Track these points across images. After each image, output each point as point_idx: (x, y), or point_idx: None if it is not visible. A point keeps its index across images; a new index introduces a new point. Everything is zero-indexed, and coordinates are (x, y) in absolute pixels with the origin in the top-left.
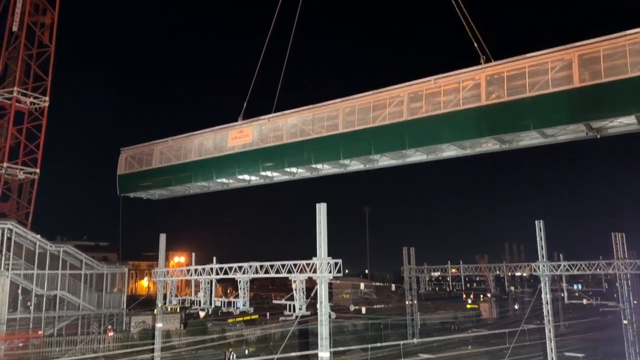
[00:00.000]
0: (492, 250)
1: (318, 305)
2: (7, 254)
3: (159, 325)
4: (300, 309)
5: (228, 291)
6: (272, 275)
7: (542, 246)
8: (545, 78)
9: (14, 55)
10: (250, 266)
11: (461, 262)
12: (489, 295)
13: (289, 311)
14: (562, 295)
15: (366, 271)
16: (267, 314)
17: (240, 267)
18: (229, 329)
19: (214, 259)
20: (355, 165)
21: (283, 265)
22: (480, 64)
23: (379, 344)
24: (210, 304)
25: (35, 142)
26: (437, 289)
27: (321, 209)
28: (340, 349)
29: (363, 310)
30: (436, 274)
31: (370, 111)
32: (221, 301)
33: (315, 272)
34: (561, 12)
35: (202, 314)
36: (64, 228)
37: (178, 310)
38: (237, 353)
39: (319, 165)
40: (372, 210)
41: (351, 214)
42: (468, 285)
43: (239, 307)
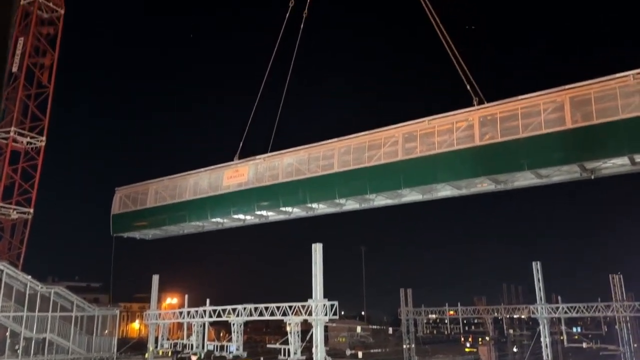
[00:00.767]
0: (490, 291)
1: (313, 350)
2: None
3: None
4: (295, 353)
5: (221, 334)
6: (267, 317)
7: (539, 288)
8: (538, 119)
9: (12, 96)
10: (245, 308)
11: (459, 304)
12: (487, 338)
13: (284, 356)
14: (562, 338)
15: (362, 313)
16: (261, 358)
17: (234, 310)
18: None
19: (207, 301)
20: (350, 205)
21: (278, 308)
22: (474, 105)
23: None
24: (203, 348)
25: (30, 181)
26: (434, 332)
27: (317, 250)
28: None
29: (360, 354)
30: (434, 316)
31: (366, 151)
32: (214, 345)
33: (310, 314)
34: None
35: (194, 359)
36: (56, 267)
37: (170, 354)
38: None
39: (315, 205)
40: (369, 249)
41: (347, 252)
42: (466, 327)
43: (232, 352)
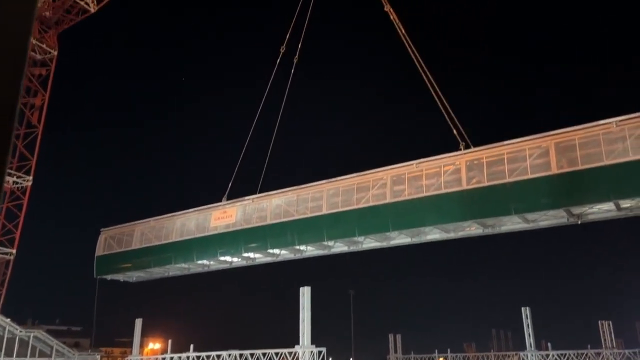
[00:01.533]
0: (480, 336)
1: None
2: None
3: None
4: None
5: None
6: None
7: (529, 334)
8: (524, 164)
9: None
10: (230, 355)
11: (449, 350)
12: None
13: None
14: None
15: (351, 359)
16: None
17: (218, 356)
18: None
19: (191, 346)
20: (339, 247)
21: (264, 354)
22: (460, 149)
23: None
24: None
25: (15, 221)
26: None
27: (305, 293)
28: None
29: None
30: None
31: (354, 193)
32: None
33: None
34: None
35: None
36: (37, 309)
37: None
38: None
39: (303, 247)
40: (357, 293)
41: (336, 295)
42: None
43: None
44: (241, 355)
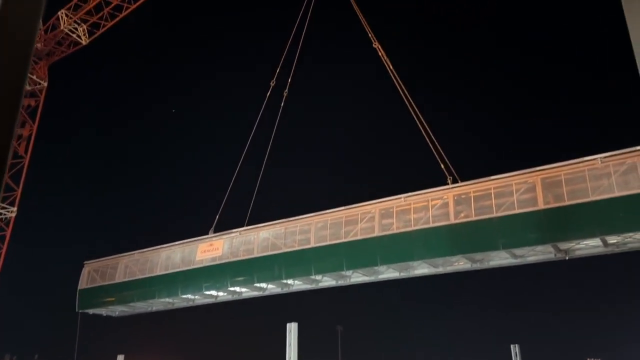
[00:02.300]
0: None
1: None
2: None
3: None
4: None
5: None
6: None
7: None
8: (511, 199)
9: None
10: None
11: None
12: None
13: None
14: None
15: None
16: None
17: None
18: None
19: None
20: (327, 282)
21: None
22: (448, 183)
23: None
24: None
25: None
26: None
27: (292, 330)
28: None
29: None
30: None
31: (343, 226)
32: None
33: None
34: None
35: None
36: (16, 343)
37: None
38: None
39: (290, 281)
40: (346, 329)
41: (322, 332)
42: None
43: None
44: None
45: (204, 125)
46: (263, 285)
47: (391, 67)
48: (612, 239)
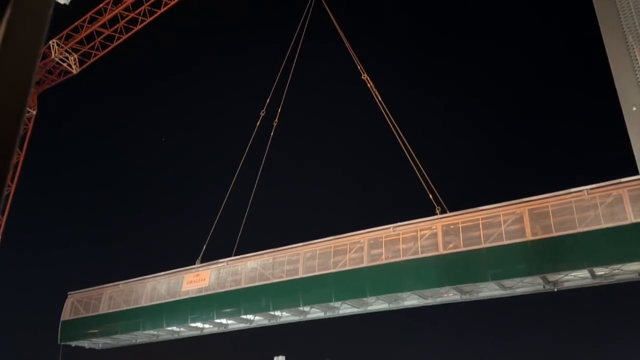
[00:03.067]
0: None
1: None
2: None
3: None
4: None
5: None
6: None
7: None
8: (499, 230)
9: None
10: None
11: None
12: None
13: None
14: None
15: None
16: None
17: None
18: None
19: None
20: (315, 313)
21: None
22: (436, 214)
23: None
24: None
25: None
26: None
27: None
28: None
29: None
30: None
31: (331, 256)
32: None
33: None
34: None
35: None
36: None
37: None
38: None
39: (278, 313)
40: None
41: None
42: None
43: None
44: None
45: (194, 152)
46: (250, 317)
47: (379, 99)
48: (600, 271)
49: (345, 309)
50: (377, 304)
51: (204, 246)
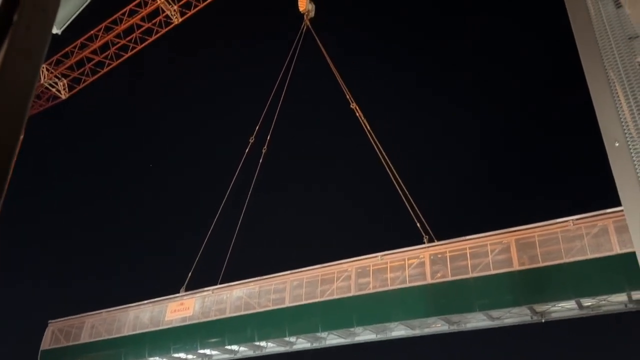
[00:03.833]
0: None
1: None
2: None
3: None
4: None
5: None
6: None
7: None
8: (486, 260)
9: None
10: None
11: None
12: None
13: None
14: None
15: None
16: None
17: None
18: None
19: None
20: (301, 344)
21: None
22: (424, 242)
23: None
24: None
25: None
26: None
27: None
28: None
29: None
30: None
31: (318, 285)
32: None
33: None
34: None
35: None
36: None
37: None
38: None
39: (263, 343)
40: None
41: None
42: None
43: None
44: None
45: (181, 178)
46: (235, 347)
47: (369, 128)
48: (586, 302)
49: (332, 339)
50: (364, 334)
51: (189, 274)
